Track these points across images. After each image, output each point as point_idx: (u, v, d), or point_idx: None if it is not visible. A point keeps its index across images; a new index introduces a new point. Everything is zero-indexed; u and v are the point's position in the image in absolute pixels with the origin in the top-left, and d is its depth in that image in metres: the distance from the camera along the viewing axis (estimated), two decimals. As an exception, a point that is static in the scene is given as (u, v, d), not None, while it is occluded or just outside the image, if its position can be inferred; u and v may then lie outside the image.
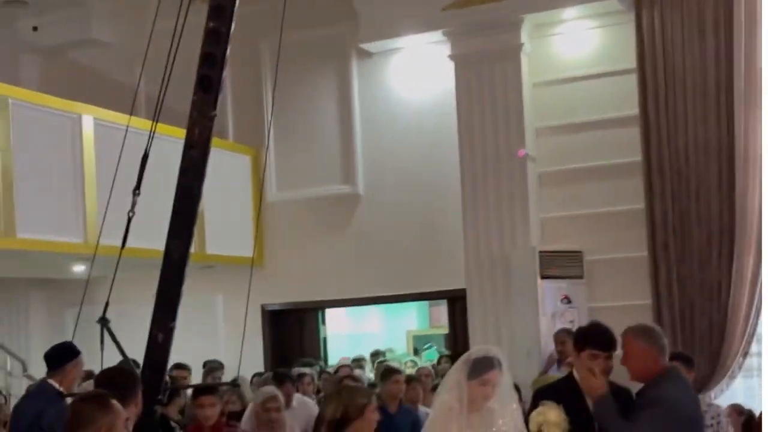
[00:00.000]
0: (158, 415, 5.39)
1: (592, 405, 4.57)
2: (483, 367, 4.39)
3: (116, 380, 4.25)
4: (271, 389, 6.66)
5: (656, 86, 8.42)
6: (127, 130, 5.67)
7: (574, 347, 4.85)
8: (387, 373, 7.17)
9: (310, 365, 9.14)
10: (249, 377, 8.91)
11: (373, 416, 4.10)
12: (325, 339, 11.33)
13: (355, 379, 7.72)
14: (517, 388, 4.76)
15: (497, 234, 9.00)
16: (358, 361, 10.04)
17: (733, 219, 8.06)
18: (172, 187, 5.37)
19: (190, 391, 7.43)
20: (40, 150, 8.23)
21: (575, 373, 4.75)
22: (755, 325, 8.03)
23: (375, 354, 10.95)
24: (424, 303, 12.60)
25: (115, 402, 3.49)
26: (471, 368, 4.42)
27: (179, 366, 8.61)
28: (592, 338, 4.71)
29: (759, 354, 8.17)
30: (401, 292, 10.25)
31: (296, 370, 8.33)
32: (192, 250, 5.44)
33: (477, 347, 4.93)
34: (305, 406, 7.38)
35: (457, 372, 4.50)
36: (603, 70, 9.04)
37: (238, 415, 6.93)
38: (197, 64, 5.25)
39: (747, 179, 8.02)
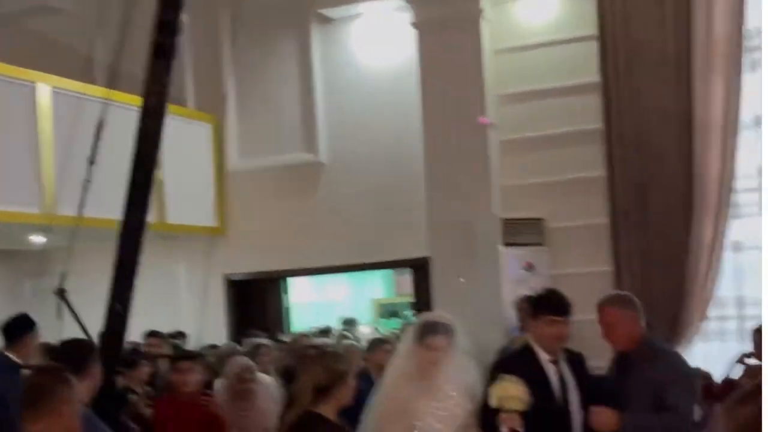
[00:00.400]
0: (119, 386, 5.38)
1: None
2: (428, 331, 4.48)
3: (73, 352, 4.22)
4: (245, 360, 6.61)
5: (616, 53, 8.42)
6: (83, 99, 5.60)
7: (531, 314, 4.85)
8: (375, 342, 7.23)
9: (272, 338, 9.08)
10: (211, 348, 8.83)
11: (353, 382, 4.11)
12: (289, 308, 11.31)
13: (317, 347, 7.68)
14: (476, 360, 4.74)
15: (460, 202, 8.97)
16: (325, 332, 10.01)
17: (691, 185, 8.12)
18: (130, 156, 5.32)
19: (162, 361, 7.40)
20: (-4, 119, 8.10)
21: (532, 343, 4.71)
22: (713, 289, 8.13)
23: (348, 322, 10.92)
24: (389, 271, 12.61)
25: (71, 375, 3.47)
26: (417, 333, 4.51)
27: (152, 334, 8.54)
28: (550, 304, 4.71)
29: (718, 318, 8.28)
30: (365, 261, 10.24)
31: (252, 341, 8.23)
32: (152, 219, 5.41)
33: (429, 313, 4.98)
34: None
35: (406, 337, 4.60)
36: (563, 36, 9.02)
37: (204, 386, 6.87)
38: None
39: (705, 146, 8.06)
